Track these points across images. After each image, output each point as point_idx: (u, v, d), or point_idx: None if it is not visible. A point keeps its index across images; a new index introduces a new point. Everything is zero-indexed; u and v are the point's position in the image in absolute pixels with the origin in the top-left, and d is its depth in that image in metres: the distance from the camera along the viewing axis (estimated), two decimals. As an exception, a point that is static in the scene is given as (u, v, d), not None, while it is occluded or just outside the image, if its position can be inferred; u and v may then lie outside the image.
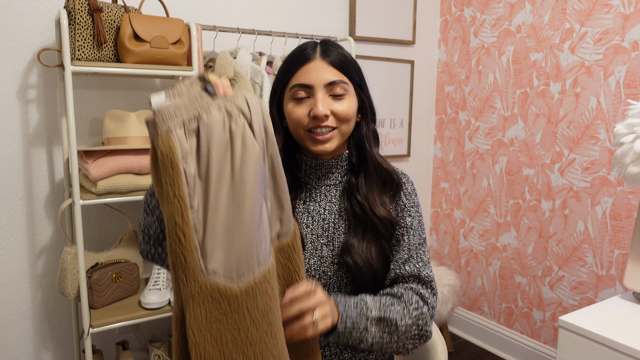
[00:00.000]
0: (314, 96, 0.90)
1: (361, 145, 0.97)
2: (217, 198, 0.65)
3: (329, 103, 0.90)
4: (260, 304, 0.65)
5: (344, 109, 0.91)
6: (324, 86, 0.90)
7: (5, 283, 1.63)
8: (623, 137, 1.27)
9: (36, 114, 1.62)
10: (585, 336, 1.21)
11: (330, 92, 0.91)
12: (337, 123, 0.91)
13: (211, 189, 0.64)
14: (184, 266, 0.63)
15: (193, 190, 0.64)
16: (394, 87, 2.43)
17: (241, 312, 0.64)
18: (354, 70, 0.94)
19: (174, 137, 0.63)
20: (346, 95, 0.92)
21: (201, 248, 0.64)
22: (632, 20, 1.76)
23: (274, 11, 2.04)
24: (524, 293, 2.21)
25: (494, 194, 2.32)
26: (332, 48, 0.93)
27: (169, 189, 0.63)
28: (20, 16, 1.56)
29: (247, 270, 0.65)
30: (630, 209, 1.80)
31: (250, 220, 0.66)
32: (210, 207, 0.64)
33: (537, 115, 2.10)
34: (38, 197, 1.65)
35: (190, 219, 0.63)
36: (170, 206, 0.63)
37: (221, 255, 0.64)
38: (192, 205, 0.64)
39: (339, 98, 0.91)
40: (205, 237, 0.64)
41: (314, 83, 0.90)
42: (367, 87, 0.98)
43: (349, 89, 0.93)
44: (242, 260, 0.65)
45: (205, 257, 0.64)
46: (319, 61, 0.91)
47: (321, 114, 0.88)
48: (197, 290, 0.63)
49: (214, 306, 0.63)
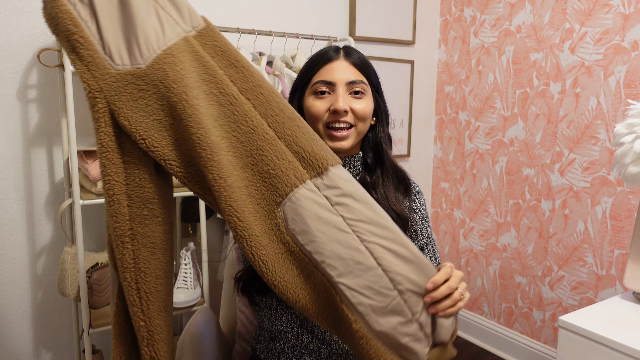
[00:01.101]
0: (335, 92, 0.95)
1: (378, 147, 1.02)
2: (103, 5, 0.72)
3: (349, 100, 0.95)
4: (171, 73, 0.72)
5: (362, 107, 0.96)
6: (345, 84, 0.95)
7: (5, 283, 1.63)
8: (623, 137, 1.27)
9: (36, 114, 1.62)
10: (585, 336, 1.21)
11: (350, 90, 0.96)
12: (355, 121, 0.96)
13: (96, 2, 0.71)
14: (96, 64, 0.71)
15: (80, 7, 0.71)
16: (394, 87, 2.43)
17: (155, 83, 0.72)
18: (372, 74, 1.00)
19: None
20: (365, 95, 0.97)
21: (103, 47, 0.71)
22: (632, 20, 1.76)
23: (274, 11, 2.04)
24: (524, 293, 2.21)
25: (494, 194, 2.32)
26: (354, 51, 1.00)
27: (56, 10, 0.70)
28: (20, 16, 1.56)
29: (148, 51, 0.72)
30: (630, 209, 1.80)
31: (138, 7, 0.72)
32: (98, 8, 0.71)
33: (537, 115, 2.10)
34: (38, 197, 1.65)
35: (82, 25, 0.70)
36: (60, 22, 0.70)
37: (123, 48, 0.72)
38: (82, 17, 0.71)
39: (358, 97, 0.96)
40: (104, 39, 0.71)
41: (336, 80, 0.95)
42: (382, 92, 1.03)
43: (367, 90, 0.98)
44: (142, 45, 0.72)
45: (110, 54, 0.72)
46: (342, 61, 0.97)
47: (341, 109, 0.92)
48: (113, 80, 0.71)
49: (131, 87, 0.72)
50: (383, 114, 1.03)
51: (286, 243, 0.76)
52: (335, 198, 0.76)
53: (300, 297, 0.76)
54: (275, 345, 0.99)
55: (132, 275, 0.75)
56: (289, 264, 0.76)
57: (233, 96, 0.77)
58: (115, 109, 0.72)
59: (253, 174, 0.76)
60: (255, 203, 0.76)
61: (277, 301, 0.96)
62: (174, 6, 0.77)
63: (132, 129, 0.72)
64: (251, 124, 0.77)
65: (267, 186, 0.76)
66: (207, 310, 1.24)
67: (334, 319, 0.77)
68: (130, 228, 0.75)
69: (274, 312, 0.96)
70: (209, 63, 0.77)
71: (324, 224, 0.74)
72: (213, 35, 0.80)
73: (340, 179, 0.77)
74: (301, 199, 0.75)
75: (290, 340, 0.96)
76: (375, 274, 0.74)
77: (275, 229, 0.76)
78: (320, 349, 0.95)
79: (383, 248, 0.75)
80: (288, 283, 0.75)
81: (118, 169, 0.73)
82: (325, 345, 0.95)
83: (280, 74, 1.77)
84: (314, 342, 0.95)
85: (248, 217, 0.74)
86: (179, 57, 0.74)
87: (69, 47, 0.71)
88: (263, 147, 0.76)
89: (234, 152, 0.76)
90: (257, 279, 0.95)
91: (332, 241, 0.74)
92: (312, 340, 0.95)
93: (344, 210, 0.75)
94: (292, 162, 0.77)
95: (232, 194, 0.73)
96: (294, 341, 0.96)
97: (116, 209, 0.73)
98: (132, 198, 0.75)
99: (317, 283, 0.76)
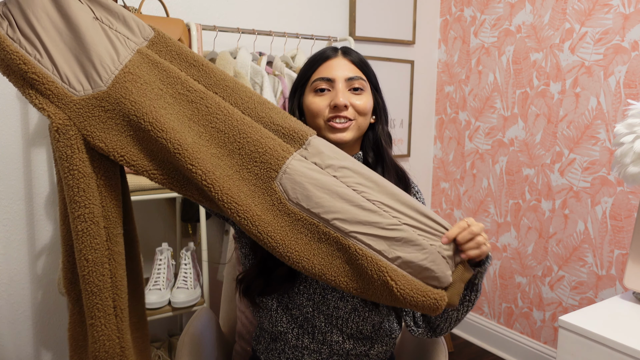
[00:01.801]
0: (334, 89, 0.96)
1: (378, 145, 1.02)
2: (47, 30, 0.73)
3: (348, 96, 0.96)
4: (133, 89, 0.74)
5: (362, 103, 0.96)
6: (345, 80, 0.96)
7: (5, 283, 1.63)
8: (623, 137, 1.27)
9: (36, 114, 1.62)
10: (585, 336, 1.21)
11: (349, 86, 0.96)
12: (355, 115, 0.96)
13: (42, 34, 0.73)
14: (57, 95, 0.72)
15: (25, 43, 0.73)
16: (394, 87, 2.43)
17: (120, 102, 0.74)
18: (371, 72, 1.01)
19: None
20: (364, 91, 0.98)
21: (60, 77, 0.73)
22: (632, 20, 1.76)
23: (274, 11, 2.04)
24: (524, 293, 2.21)
25: (494, 194, 2.32)
26: (352, 51, 1.01)
27: (3, 53, 0.71)
28: (20, 16, 1.56)
29: (107, 73, 0.75)
30: (630, 209, 1.80)
31: (87, 32, 0.74)
32: (46, 42, 0.73)
33: (537, 115, 2.10)
34: (38, 197, 1.65)
35: (32, 61, 0.72)
36: (12, 63, 0.71)
37: (80, 74, 0.74)
38: (29, 52, 0.72)
39: (357, 93, 0.97)
40: (58, 69, 0.73)
41: (335, 77, 0.96)
42: (381, 91, 1.03)
43: (366, 87, 0.99)
44: (99, 68, 0.74)
45: (69, 82, 0.73)
46: (340, 59, 0.98)
47: (341, 104, 0.93)
48: (77, 107, 0.73)
49: (98, 110, 0.74)
50: (382, 112, 1.03)
51: (291, 214, 0.78)
52: (323, 162, 0.81)
53: (315, 263, 0.78)
54: (275, 345, 0.99)
55: (110, 295, 0.76)
56: (297, 234, 0.78)
57: (201, 91, 0.79)
58: (88, 134, 0.74)
59: (241, 158, 0.78)
60: (251, 184, 0.78)
61: (278, 302, 0.96)
62: (122, 22, 0.79)
63: (109, 149, 0.75)
64: (226, 112, 0.79)
65: (258, 165, 0.79)
66: (207, 310, 1.24)
67: (353, 274, 0.79)
68: (108, 248, 0.76)
69: (274, 313, 0.96)
70: (168, 67, 0.79)
71: (322, 185, 0.79)
72: (165, 41, 0.82)
73: (322, 145, 0.83)
74: (295, 168, 0.79)
75: (290, 341, 0.96)
76: (379, 215, 0.79)
77: (277, 203, 0.78)
78: (320, 350, 0.95)
79: (376, 193, 0.81)
80: (301, 252, 0.77)
81: (94, 193, 0.74)
82: (325, 346, 0.94)
83: (280, 74, 1.77)
84: (314, 343, 0.95)
85: (246, 200, 0.77)
86: (137, 73, 0.76)
87: (25, 84, 0.72)
88: (244, 130, 0.79)
89: (216, 143, 0.78)
90: (259, 281, 0.95)
91: (334, 198, 0.78)
92: (312, 341, 0.95)
93: (333, 171, 0.81)
94: (275, 140, 0.80)
95: (223, 184, 0.75)
96: (294, 342, 0.95)
97: (94, 233, 0.74)
98: (109, 219, 0.77)
99: (330, 243, 0.78)
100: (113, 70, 0.75)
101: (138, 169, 0.76)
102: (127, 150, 0.75)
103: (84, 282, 0.74)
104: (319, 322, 0.94)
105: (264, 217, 0.77)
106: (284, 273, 0.92)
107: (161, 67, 0.78)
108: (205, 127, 0.78)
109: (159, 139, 0.74)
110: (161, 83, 0.78)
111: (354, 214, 0.78)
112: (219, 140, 0.78)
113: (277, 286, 0.94)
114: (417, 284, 0.78)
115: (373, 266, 0.77)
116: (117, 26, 0.78)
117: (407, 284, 0.77)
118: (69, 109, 0.73)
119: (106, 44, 0.75)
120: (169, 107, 0.77)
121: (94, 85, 0.74)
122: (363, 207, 0.79)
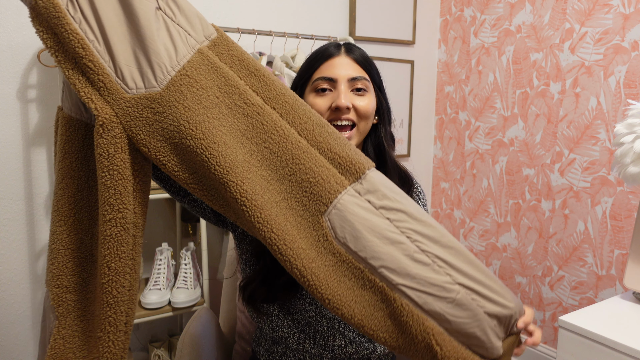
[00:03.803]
0: (336, 89, 0.92)
1: (380, 147, 0.99)
2: (108, 17, 0.68)
3: (351, 97, 0.92)
4: (189, 94, 0.69)
5: (364, 105, 0.93)
6: (347, 81, 0.92)
7: (5, 283, 1.63)
8: (623, 137, 1.27)
9: (36, 114, 1.62)
10: (585, 336, 1.21)
11: (352, 87, 0.93)
12: (357, 119, 0.93)
13: (103, 19, 0.67)
14: (109, 90, 0.67)
15: (85, 26, 0.67)
16: (394, 87, 2.43)
17: (172, 106, 0.68)
18: (375, 71, 0.97)
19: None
20: (367, 92, 0.94)
21: (115, 70, 0.68)
22: (632, 20, 1.76)
23: (273, 11, 2.04)
24: (524, 293, 2.21)
25: (494, 194, 2.32)
26: (356, 48, 0.97)
27: (61, 30, 0.65)
28: (20, 16, 1.56)
29: (163, 73, 0.69)
30: (630, 209, 1.80)
31: (147, 24, 0.68)
32: (109, 33, 0.67)
33: (537, 115, 2.10)
34: (38, 197, 1.65)
35: (91, 47, 0.66)
36: (68, 45, 0.65)
37: (135, 70, 0.69)
38: (89, 37, 0.67)
39: (360, 94, 0.93)
40: (115, 61, 0.68)
41: (338, 77, 0.92)
42: (385, 90, 1.00)
43: (369, 87, 0.95)
44: (155, 67, 0.69)
45: (123, 77, 0.68)
46: (343, 57, 0.94)
47: (343, 105, 0.90)
48: (127, 105, 0.68)
49: (147, 111, 0.68)
50: (385, 112, 1.00)
51: (336, 254, 0.71)
52: (377, 202, 0.73)
53: (356, 312, 0.70)
54: (277, 348, 0.98)
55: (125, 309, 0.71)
56: (341, 276, 0.71)
57: (259, 106, 0.73)
58: (132, 135, 0.68)
59: (291, 185, 0.72)
60: (298, 215, 0.72)
61: (279, 308, 0.94)
62: (185, 16, 0.73)
63: (151, 154, 0.69)
64: (282, 133, 0.72)
65: (308, 196, 0.72)
66: (207, 310, 1.24)
67: (394, 330, 0.71)
68: (132, 258, 0.71)
69: (275, 318, 0.94)
70: (228, 74, 0.73)
71: (374, 227, 0.71)
72: (227, 44, 0.76)
73: (379, 182, 0.75)
74: (346, 204, 0.71)
75: (291, 346, 0.95)
76: (431, 270, 0.71)
77: (322, 239, 0.71)
78: (322, 354, 0.94)
79: (431, 243, 0.73)
80: (342, 297, 0.70)
81: (130, 197, 0.69)
82: (327, 350, 0.93)
83: (280, 74, 1.77)
84: (316, 348, 0.93)
85: (291, 231, 0.70)
86: (194, 76, 0.70)
87: (76, 70, 0.67)
88: (298, 156, 0.72)
89: (267, 165, 0.72)
90: (262, 289, 0.92)
91: (385, 244, 0.70)
92: (313, 346, 0.93)
93: (388, 213, 0.73)
94: (330, 169, 0.72)
95: (270, 211, 0.69)
96: (296, 346, 0.94)
97: (123, 240, 0.69)
98: (137, 226, 0.72)
99: (374, 292, 0.71)
100: (169, 70, 0.69)
101: (179, 179, 0.71)
102: (169, 159, 0.70)
103: (102, 292, 0.69)
104: (321, 326, 0.93)
105: (308, 252, 0.70)
106: (287, 281, 0.89)
107: (220, 73, 0.72)
108: (258, 145, 0.72)
109: (208, 151, 0.68)
110: (218, 90, 0.72)
111: (404, 264, 0.70)
112: (270, 163, 0.72)
113: (280, 295, 0.91)
114: (464, 353, 0.70)
115: (418, 326, 0.69)
116: (180, 19, 0.72)
117: (454, 350, 0.70)
118: (118, 106, 0.67)
119: (166, 39, 0.70)
120: (223, 119, 0.71)
121: (147, 84, 0.69)
122: (415, 258, 0.71)
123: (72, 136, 0.73)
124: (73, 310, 0.73)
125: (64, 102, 0.75)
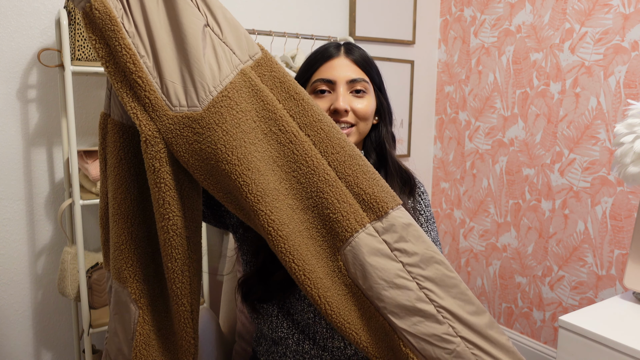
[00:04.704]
0: (335, 91, 0.91)
1: (381, 147, 0.98)
2: (159, 34, 0.68)
3: (349, 99, 0.92)
4: (228, 117, 0.69)
5: (363, 107, 0.92)
6: (346, 82, 0.92)
7: (5, 283, 1.63)
8: (623, 137, 1.27)
9: (36, 114, 1.62)
10: (585, 336, 1.21)
11: (351, 88, 0.92)
12: (356, 120, 0.92)
13: (155, 34, 0.68)
14: (153, 106, 0.68)
15: (137, 40, 0.68)
16: (394, 87, 2.43)
17: (211, 128, 0.69)
18: (375, 72, 0.97)
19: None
20: (366, 94, 0.94)
21: (161, 86, 0.68)
22: (632, 20, 1.76)
23: (274, 11, 2.04)
24: (524, 293, 2.21)
25: (494, 194, 2.32)
26: (355, 48, 0.96)
27: (114, 43, 0.66)
28: (20, 16, 1.56)
29: (205, 93, 0.69)
30: (630, 209, 1.80)
31: (195, 43, 0.69)
32: (159, 49, 0.68)
33: (537, 115, 2.10)
34: (38, 197, 1.65)
35: (141, 63, 0.67)
36: (120, 58, 0.66)
37: (179, 88, 0.69)
38: (140, 53, 0.67)
39: (359, 95, 0.93)
40: (162, 77, 0.68)
41: (337, 78, 0.91)
42: (385, 90, 0.99)
43: (369, 88, 0.94)
44: (197, 86, 0.69)
45: (168, 94, 0.69)
46: (342, 58, 0.94)
47: (342, 108, 0.89)
48: (170, 122, 0.68)
49: (188, 131, 0.69)
50: (386, 112, 0.99)
51: (349, 285, 0.75)
52: (394, 243, 0.74)
53: (362, 339, 0.74)
54: (277, 349, 0.98)
55: (188, 300, 0.77)
56: (352, 306, 0.75)
57: (293, 134, 0.73)
58: (174, 151, 0.70)
59: (314, 217, 0.74)
60: (318, 245, 0.74)
61: (279, 308, 0.94)
62: (231, 35, 0.73)
63: (189, 171, 0.71)
64: (311, 164, 0.73)
65: (327, 229, 0.74)
66: (207, 310, 1.24)
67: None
68: (189, 257, 0.75)
69: (275, 319, 0.94)
70: (267, 97, 0.73)
71: (383, 271, 0.73)
72: (271, 64, 0.76)
73: (401, 222, 0.75)
74: (361, 243, 0.73)
75: (291, 346, 0.94)
76: (435, 320, 0.73)
77: (337, 271, 0.75)
78: (322, 355, 0.93)
79: (442, 292, 0.74)
80: (352, 325, 0.74)
81: (178, 205, 0.72)
82: (327, 352, 0.93)
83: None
84: (315, 349, 0.93)
85: (311, 260, 0.73)
86: (235, 98, 0.70)
87: (125, 84, 0.68)
88: (324, 190, 0.73)
89: (294, 194, 0.74)
90: (261, 286, 0.92)
91: (392, 288, 0.73)
92: (313, 347, 0.93)
93: (403, 256, 0.74)
94: (353, 205, 0.74)
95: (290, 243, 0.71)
96: (295, 347, 0.94)
97: (176, 244, 0.73)
98: (190, 228, 0.75)
99: (379, 326, 0.75)
100: (211, 89, 0.69)
101: (215, 196, 0.74)
102: (206, 177, 0.71)
103: (169, 284, 0.76)
104: (321, 327, 0.92)
105: (325, 282, 0.73)
106: (282, 278, 0.89)
107: (260, 96, 0.73)
108: (287, 174, 0.74)
109: (242, 177, 0.69)
110: (256, 115, 0.72)
111: (407, 310, 0.72)
112: (297, 192, 0.74)
113: (275, 292, 0.92)
114: None
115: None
116: (227, 37, 0.72)
117: None
118: (161, 122, 0.68)
119: (211, 58, 0.70)
120: (258, 144, 0.72)
121: (190, 103, 0.69)
122: (418, 308, 0.73)
123: (126, 142, 0.76)
124: (152, 301, 0.81)
125: (113, 108, 0.76)
